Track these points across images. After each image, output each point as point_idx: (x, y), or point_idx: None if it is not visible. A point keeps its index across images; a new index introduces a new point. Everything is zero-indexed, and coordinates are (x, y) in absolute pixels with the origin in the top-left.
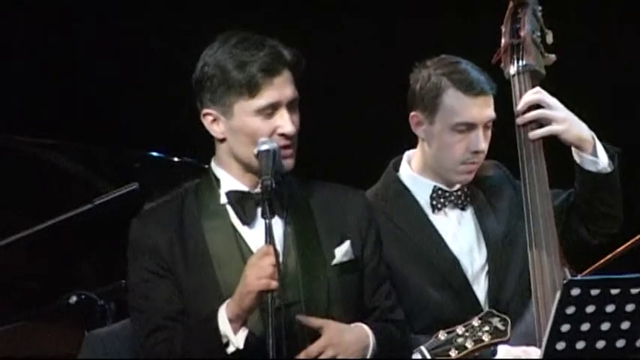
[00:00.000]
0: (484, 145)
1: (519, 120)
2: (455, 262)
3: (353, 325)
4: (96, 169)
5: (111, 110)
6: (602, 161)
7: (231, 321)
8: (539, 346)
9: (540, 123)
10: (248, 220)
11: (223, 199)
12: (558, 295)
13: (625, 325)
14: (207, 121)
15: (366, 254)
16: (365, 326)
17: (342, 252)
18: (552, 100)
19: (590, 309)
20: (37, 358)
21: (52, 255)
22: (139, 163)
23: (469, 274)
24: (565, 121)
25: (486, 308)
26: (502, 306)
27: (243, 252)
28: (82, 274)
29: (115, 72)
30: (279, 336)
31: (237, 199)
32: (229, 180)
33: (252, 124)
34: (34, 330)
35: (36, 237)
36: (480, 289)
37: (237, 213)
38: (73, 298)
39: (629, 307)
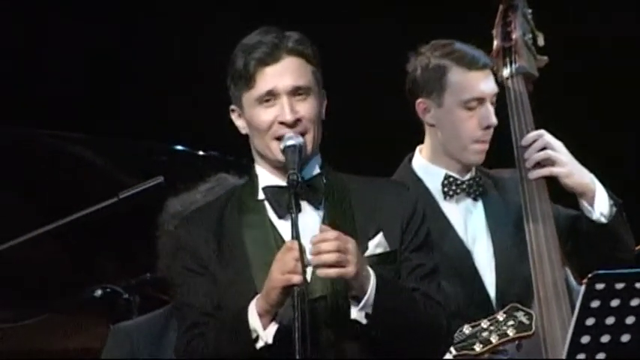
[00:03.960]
0: (495, 119)
1: (527, 163)
2: (465, 252)
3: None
4: (121, 163)
5: (136, 104)
6: (596, 212)
7: (260, 316)
8: (542, 346)
9: (543, 163)
10: (284, 214)
11: (261, 195)
12: (583, 289)
13: None
14: (233, 117)
15: (404, 246)
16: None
17: (374, 244)
18: (557, 144)
19: (615, 303)
20: (63, 350)
21: (77, 248)
22: (165, 156)
23: (478, 266)
24: (567, 165)
25: (495, 302)
26: (511, 301)
27: (279, 246)
28: (107, 267)
29: (142, 66)
30: (304, 331)
31: (274, 193)
32: (266, 176)
33: (256, 115)
34: (60, 322)
35: (61, 230)
36: (489, 282)
37: (273, 207)
38: (98, 292)
39: None
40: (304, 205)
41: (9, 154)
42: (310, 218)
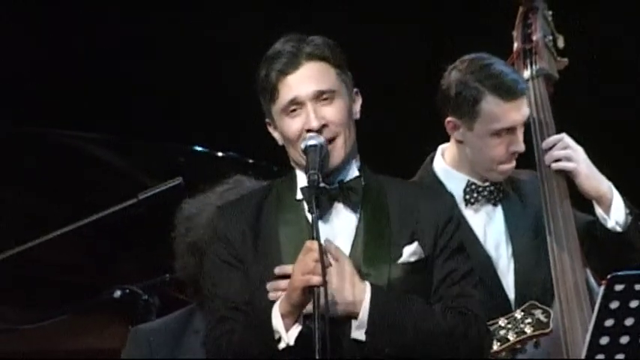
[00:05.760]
0: (523, 146)
1: (547, 158)
2: (486, 257)
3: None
4: (140, 164)
5: (157, 105)
6: (612, 220)
7: (283, 317)
8: (564, 346)
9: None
10: (320, 215)
11: (299, 195)
12: (602, 290)
13: None
14: (270, 130)
15: (436, 252)
16: (368, 285)
17: (409, 252)
18: (578, 148)
19: (634, 304)
20: (82, 351)
21: (97, 249)
22: (183, 157)
23: (498, 271)
24: (586, 168)
25: (514, 306)
26: None
27: None
28: (126, 268)
29: (163, 68)
30: (324, 331)
31: (310, 194)
32: (305, 177)
33: (285, 126)
34: (79, 324)
35: (81, 231)
36: (508, 286)
37: (310, 208)
38: (118, 293)
39: None
40: (340, 207)
41: (29, 156)
42: (347, 221)
